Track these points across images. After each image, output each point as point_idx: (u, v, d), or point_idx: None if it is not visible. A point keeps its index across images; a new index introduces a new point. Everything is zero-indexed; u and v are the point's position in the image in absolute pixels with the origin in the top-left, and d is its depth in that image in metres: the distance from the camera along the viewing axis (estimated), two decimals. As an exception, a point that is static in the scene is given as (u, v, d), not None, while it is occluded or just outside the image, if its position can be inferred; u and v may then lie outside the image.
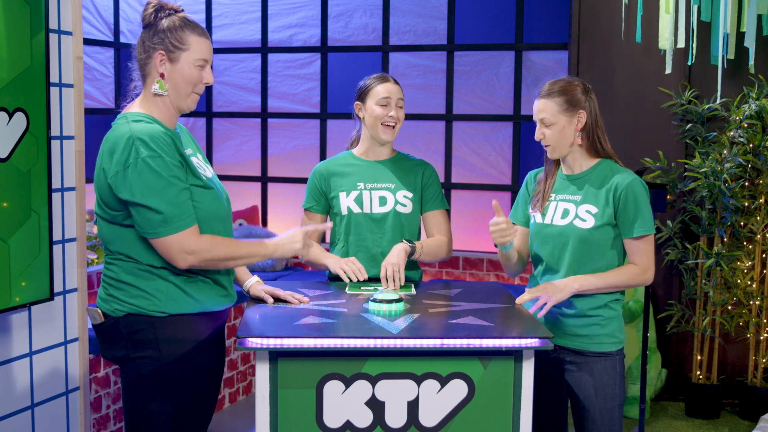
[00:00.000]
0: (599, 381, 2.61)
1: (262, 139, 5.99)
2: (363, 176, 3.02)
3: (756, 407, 4.48)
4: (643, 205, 2.58)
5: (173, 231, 2.26)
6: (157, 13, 2.39)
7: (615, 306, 2.66)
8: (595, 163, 2.65)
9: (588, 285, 2.56)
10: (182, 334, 2.36)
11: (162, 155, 2.26)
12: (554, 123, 2.60)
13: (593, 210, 2.61)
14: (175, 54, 2.37)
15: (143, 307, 2.34)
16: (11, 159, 2.72)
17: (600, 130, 2.64)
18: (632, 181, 2.58)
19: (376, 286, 2.81)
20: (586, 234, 2.60)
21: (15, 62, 2.72)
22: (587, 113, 2.61)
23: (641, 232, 2.58)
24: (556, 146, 2.63)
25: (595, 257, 2.61)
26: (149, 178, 2.24)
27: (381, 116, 2.95)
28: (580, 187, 2.65)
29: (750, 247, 4.55)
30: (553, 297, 2.52)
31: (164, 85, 2.39)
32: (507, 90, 5.39)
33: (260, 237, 5.51)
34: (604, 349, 2.62)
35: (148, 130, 2.29)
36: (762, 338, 4.55)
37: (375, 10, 5.66)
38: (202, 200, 2.36)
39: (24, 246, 2.78)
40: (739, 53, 4.53)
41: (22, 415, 2.91)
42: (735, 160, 4.37)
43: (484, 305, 2.60)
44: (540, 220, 2.72)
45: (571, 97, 2.59)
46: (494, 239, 2.69)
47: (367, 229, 2.98)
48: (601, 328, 2.62)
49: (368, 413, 2.27)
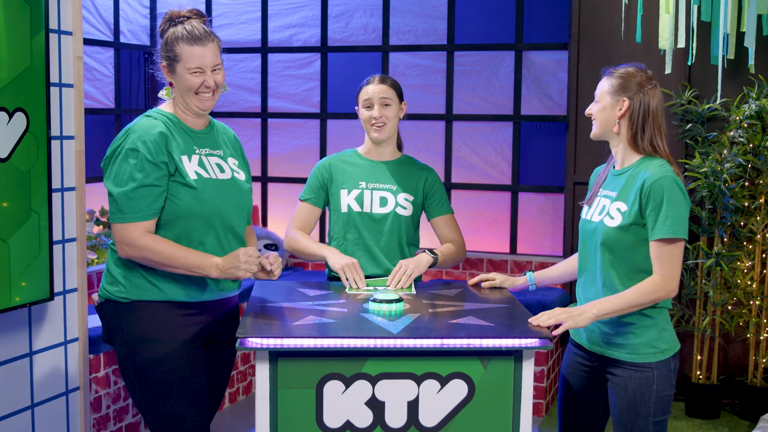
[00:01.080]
0: (632, 397, 2.47)
1: (262, 139, 5.99)
2: (366, 175, 3.04)
3: (756, 407, 4.48)
4: (670, 204, 2.40)
5: (122, 220, 2.45)
6: (165, 24, 2.58)
7: (653, 314, 2.49)
8: (637, 159, 2.54)
9: (606, 309, 2.42)
10: (146, 321, 2.49)
11: (140, 150, 2.43)
12: (600, 101, 2.56)
13: (623, 207, 2.48)
14: (173, 65, 2.56)
15: (112, 293, 2.53)
16: (11, 159, 2.72)
17: (649, 127, 2.52)
18: (662, 177, 2.42)
19: (376, 286, 2.81)
20: (612, 233, 2.47)
21: (15, 62, 2.72)
22: (632, 103, 2.51)
23: (663, 235, 2.39)
24: (596, 123, 2.58)
25: (624, 259, 2.47)
26: (121, 167, 2.45)
27: (367, 118, 3.04)
28: (619, 183, 2.54)
29: (750, 247, 4.55)
30: (570, 321, 2.39)
31: (171, 92, 2.61)
32: (507, 90, 5.38)
33: (260, 237, 5.51)
34: (640, 360, 2.47)
35: (144, 125, 2.50)
36: (762, 338, 4.55)
37: (375, 10, 5.66)
38: (181, 197, 2.49)
39: (24, 246, 2.78)
40: (739, 53, 4.53)
41: (22, 415, 2.91)
42: (735, 160, 4.37)
43: (484, 305, 2.60)
44: (584, 215, 2.64)
45: (623, 83, 2.52)
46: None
47: (365, 228, 3.00)
48: (635, 336, 2.48)
49: (368, 413, 2.27)
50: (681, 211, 2.41)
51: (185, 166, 2.51)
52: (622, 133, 2.55)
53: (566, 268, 2.85)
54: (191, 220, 2.51)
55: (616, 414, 2.53)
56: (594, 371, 2.61)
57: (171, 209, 2.49)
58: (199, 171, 2.53)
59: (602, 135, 2.59)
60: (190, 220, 2.50)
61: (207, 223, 2.52)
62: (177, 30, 2.54)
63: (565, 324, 2.39)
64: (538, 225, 5.36)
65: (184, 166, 2.50)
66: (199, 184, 2.51)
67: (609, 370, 2.54)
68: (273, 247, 5.55)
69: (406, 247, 3.05)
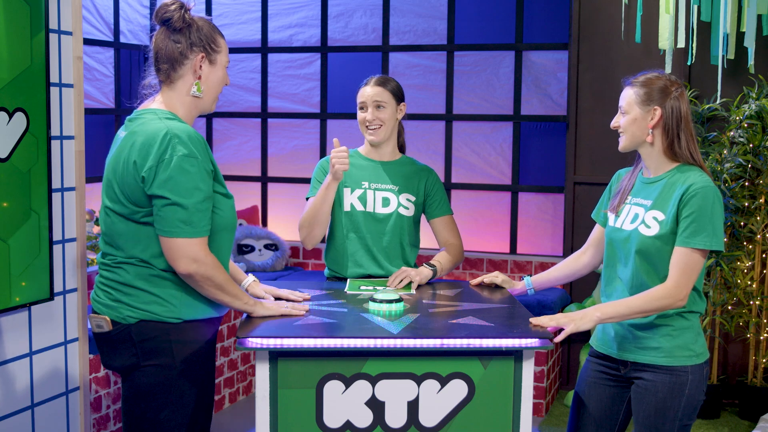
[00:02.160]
0: (662, 400, 2.43)
1: (262, 139, 5.99)
2: (368, 175, 3.05)
3: (756, 407, 4.48)
4: (713, 216, 2.36)
5: (189, 234, 2.22)
6: (183, 12, 2.34)
7: (690, 317, 2.47)
8: (672, 168, 2.48)
9: (611, 313, 2.40)
10: (194, 339, 2.35)
11: (197, 157, 2.24)
12: (628, 112, 2.49)
13: (660, 216, 2.43)
14: (213, 56, 2.37)
15: (158, 314, 2.30)
16: (11, 159, 2.72)
17: (684, 132, 2.46)
18: (706, 186, 2.37)
19: (376, 286, 2.81)
20: (648, 242, 2.42)
21: (15, 62, 2.72)
22: (664, 111, 2.45)
23: (697, 245, 2.34)
24: (625, 136, 2.50)
25: (659, 269, 2.43)
26: (182, 176, 2.21)
27: (360, 120, 3.04)
28: (654, 191, 2.48)
29: (750, 247, 4.55)
30: (572, 324, 2.36)
31: (201, 87, 2.37)
32: (507, 90, 5.39)
33: (260, 237, 5.51)
34: (675, 363, 2.43)
35: (185, 129, 2.27)
36: (762, 338, 4.55)
37: (375, 10, 5.66)
38: (223, 209, 2.35)
39: (24, 246, 2.78)
40: (739, 53, 4.53)
41: (22, 415, 2.91)
42: (735, 160, 4.37)
43: (484, 305, 2.60)
44: (612, 223, 2.58)
45: (650, 91, 2.46)
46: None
47: (367, 227, 3.00)
48: (672, 339, 2.44)
49: (368, 413, 2.27)
50: (719, 224, 2.38)
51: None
52: (657, 143, 2.48)
53: (563, 270, 2.83)
54: (225, 233, 2.39)
55: (641, 418, 2.47)
56: (621, 380, 2.56)
57: (214, 222, 2.33)
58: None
59: (633, 146, 2.52)
60: (224, 233, 2.38)
61: (232, 235, 2.44)
62: (208, 20, 2.38)
63: (568, 328, 2.37)
64: (538, 225, 5.36)
65: (220, 174, 2.38)
66: (230, 193, 2.41)
67: (638, 375, 2.49)
68: (273, 247, 5.55)
69: (407, 247, 3.05)
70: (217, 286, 2.29)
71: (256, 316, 2.40)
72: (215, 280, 2.28)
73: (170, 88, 2.38)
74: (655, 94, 2.46)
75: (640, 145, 2.51)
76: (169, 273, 2.30)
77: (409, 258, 3.07)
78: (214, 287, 2.29)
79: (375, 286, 2.82)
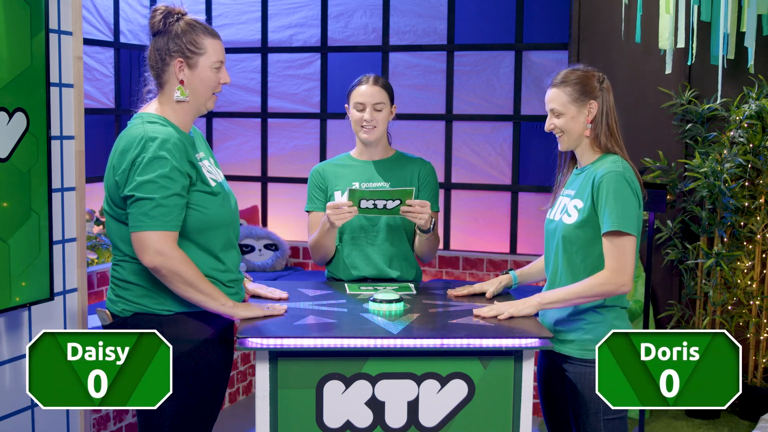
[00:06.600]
0: (581, 393, 2.47)
1: (262, 139, 5.99)
2: (358, 176, 3.03)
3: (756, 407, 4.48)
4: (617, 198, 2.39)
5: (153, 228, 2.25)
6: (166, 19, 2.38)
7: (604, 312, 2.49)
8: (597, 157, 2.53)
9: (551, 298, 2.44)
10: (188, 331, 2.36)
11: (168, 158, 2.27)
12: (563, 113, 2.51)
13: (579, 205, 2.49)
14: (193, 59, 2.38)
15: (149, 306, 2.36)
16: (11, 159, 2.72)
17: (608, 123, 2.51)
18: (611, 172, 2.42)
19: (376, 287, 2.81)
20: (568, 230, 2.48)
21: (15, 62, 2.72)
22: (599, 104, 2.49)
23: (609, 228, 2.37)
24: (566, 137, 2.53)
25: (583, 256, 2.47)
26: (148, 175, 2.26)
27: (358, 120, 3.01)
28: (578, 181, 2.54)
29: (750, 247, 4.55)
30: (512, 308, 2.43)
31: (185, 91, 2.39)
32: (507, 90, 5.39)
33: (260, 237, 5.51)
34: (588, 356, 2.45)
35: (162, 133, 2.31)
36: (762, 338, 4.55)
37: (375, 10, 5.66)
38: (208, 206, 2.38)
39: (24, 246, 2.78)
40: (739, 53, 4.53)
41: (22, 415, 2.91)
42: (735, 160, 4.37)
43: (484, 305, 2.60)
44: (547, 215, 2.65)
45: (583, 87, 2.49)
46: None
47: (360, 227, 2.99)
48: (585, 333, 2.48)
49: (368, 413, 2.27)
50: (627, 205, 2.40)
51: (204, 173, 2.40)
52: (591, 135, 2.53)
53: (540, 263, 2.83)
54: (219, 229, 2.41)
55: (569, 409, 2.54)
56: (554, 369, 2.61)
57: (199, 220, 2.36)
58: (209, 176, 2.44)
59: (575, 144, 2.55)
60: (217, 229, 2.40)
61: (230, 230, 2.45)
62: (191, 22, 2.39)
63: (508, 311, 2.42)
64: (538, 225, 5.36)
65: (204, 172, 2.40)
66: (218, 189, 2.43)
67: (564, 366, 2.53)
68: (273, 247, 5.55)
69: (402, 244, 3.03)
70: (187, 282, 2.29)
71: (238, 319, 2.39)
72: (184, 276, 2.28)
73: (162, 93, 2.44)
74: (588, 89, 2.50)
75: (580, 141, 2.55)
76: None
77: (407, 255, 3.04)
78: (183, 284, 2.29)
79: (375, 286, 2.82)
